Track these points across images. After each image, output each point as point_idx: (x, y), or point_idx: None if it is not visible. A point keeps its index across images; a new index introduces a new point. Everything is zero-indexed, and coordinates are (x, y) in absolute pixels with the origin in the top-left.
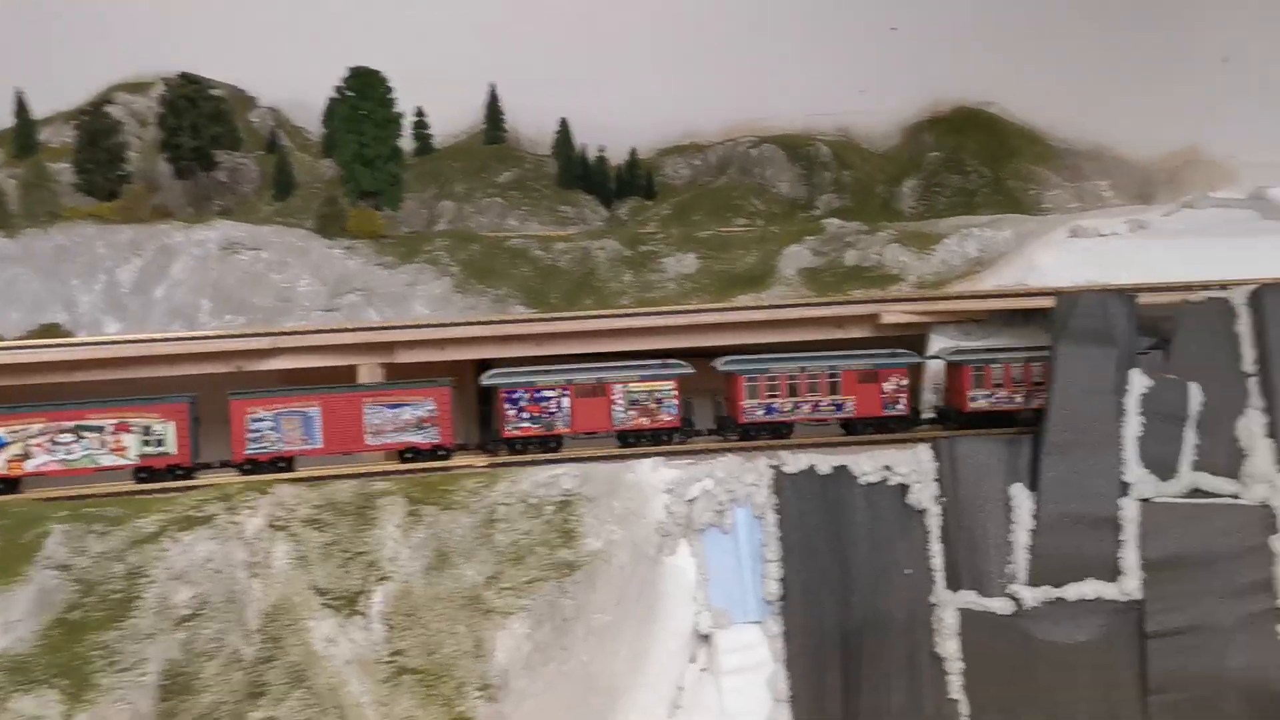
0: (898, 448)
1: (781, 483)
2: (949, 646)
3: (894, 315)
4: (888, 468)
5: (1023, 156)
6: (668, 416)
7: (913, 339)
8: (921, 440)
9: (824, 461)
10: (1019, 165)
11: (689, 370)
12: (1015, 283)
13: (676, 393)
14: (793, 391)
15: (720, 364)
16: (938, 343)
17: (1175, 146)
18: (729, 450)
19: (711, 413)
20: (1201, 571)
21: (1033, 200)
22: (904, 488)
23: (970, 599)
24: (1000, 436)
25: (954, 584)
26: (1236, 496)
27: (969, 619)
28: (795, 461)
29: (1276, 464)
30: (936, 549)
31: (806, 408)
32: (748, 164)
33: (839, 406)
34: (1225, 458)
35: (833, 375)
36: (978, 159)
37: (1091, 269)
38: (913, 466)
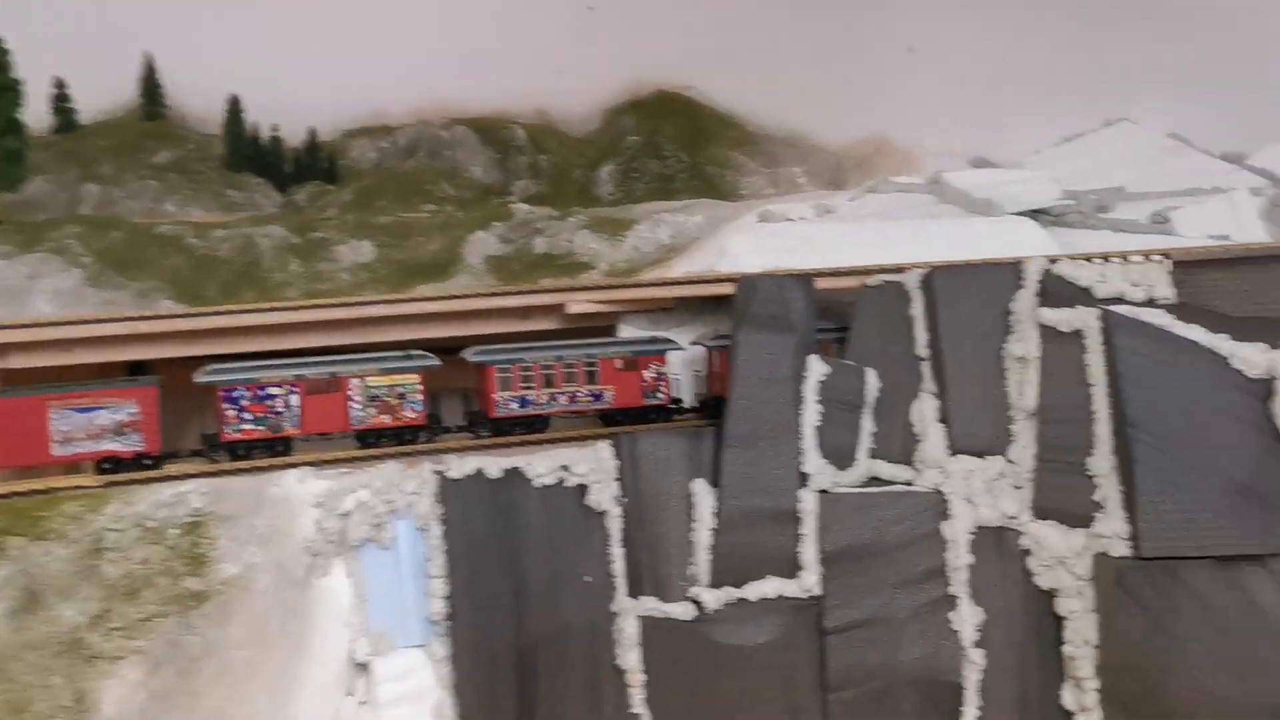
0: (576, 446)
1: (446, 490)
2: (630, 658)
3: (579, 305)
4: (565, 468)
5: (721, 142)
6: (412, 414)
7: (603, 329)
8: (602, 437)
9: (494, 464)
10: (717, 151)
11: (435, 362)
12: (706, 268)
13: (421, 387)
14: (548, 382)
15: (470, 354)
16: (627, 332)
17: (866, 134)
18: (390, 456)
19: (461, 408)
20: (877, 562)
21: (730, 186)
22: (583, 488)
23: (652, 605)
24: (684, 429)
25: (635, 590)
26: (910, 483)
27: (650, 627)
28: (461, 466)
29: (947, 448)
30: (618, 553)
31: (564, 399)
32: (438, 147)
33: (597, 397)
34: (900, 444)
35: (590, 364)
36: (676, 144)
37: (779, 253)
38: (592, 465)
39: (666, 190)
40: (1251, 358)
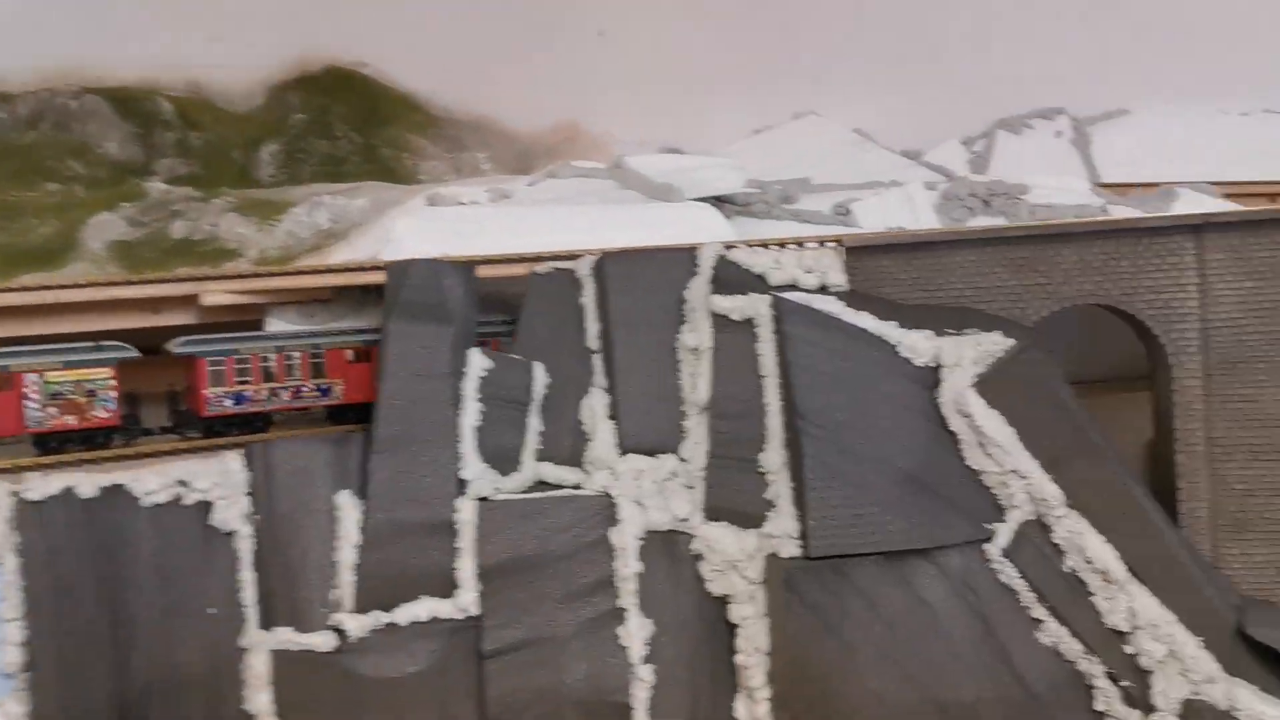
0: (199, 458)
1: (25, 514)
2: (260, 699)
3: (216, 296)
4: (183, 483)
5: (399, 124)
6: (104, 413)
7: (248, 324)
8: (234, 445)
9: (89, 481)
10: (394, 133)
11: (132, 353)
12: (370, 255)
13: (115, 383)
14: (268, 376)
15: (176, 345)
16: (275, 326)
17: (556, 120)
18: None
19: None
20: (540, 575)
21: (408, 170)
22: (206, 506)
23: (287, 637)
24: (329, 435)
25: (268, 621)
26: (579, 486)
27: (284, 662)
28: (45, 484)
29: (617, 447)
30: (248, 579)
31: (286, 395)
32: (66, 119)
33: (325, 391)
34: (570, 444)
35: (316, 355)
36: (349, 124)
37: (448, 238)
38: (217, 479)
39: (337, 173)
40: (918, 345)
